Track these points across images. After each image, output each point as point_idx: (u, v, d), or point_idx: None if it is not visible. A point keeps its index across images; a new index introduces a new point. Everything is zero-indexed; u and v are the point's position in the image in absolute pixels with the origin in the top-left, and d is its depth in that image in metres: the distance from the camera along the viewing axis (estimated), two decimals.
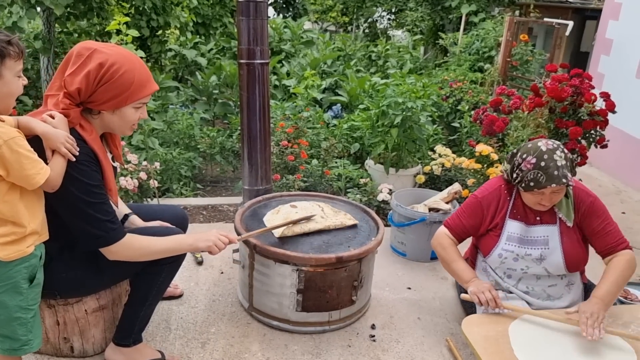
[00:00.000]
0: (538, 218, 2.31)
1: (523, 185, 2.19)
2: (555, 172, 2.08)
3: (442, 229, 2.47)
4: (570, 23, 5.58)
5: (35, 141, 1.70)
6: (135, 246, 1.90)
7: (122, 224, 2.25)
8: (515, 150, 2.29)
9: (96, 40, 6.03)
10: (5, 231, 1.66)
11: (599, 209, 2.27)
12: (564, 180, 2.07)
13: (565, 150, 2.15)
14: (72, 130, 1.79)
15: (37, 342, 1.83)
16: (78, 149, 1.75)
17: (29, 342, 1.80)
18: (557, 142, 2.18)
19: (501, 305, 2.17)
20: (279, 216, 2.61)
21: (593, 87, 3.50)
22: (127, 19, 4.49)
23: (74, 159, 1.74)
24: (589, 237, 2.30)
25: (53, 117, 1.74)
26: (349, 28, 14.52)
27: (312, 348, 2.38)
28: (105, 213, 1.83)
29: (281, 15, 12.71)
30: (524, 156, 2.18)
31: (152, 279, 2.04)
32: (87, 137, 1.82)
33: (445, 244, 2.42)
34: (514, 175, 2.24)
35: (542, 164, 2.11)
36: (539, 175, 2.11)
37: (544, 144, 2.16)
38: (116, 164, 2.10)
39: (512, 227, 2.32)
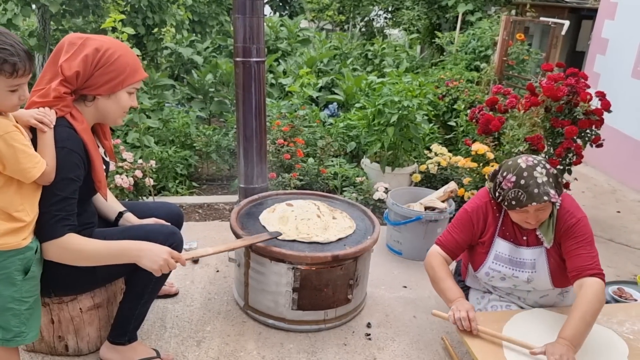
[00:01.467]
0: (525, 238, 2.25)
1: (506, 204, 2.13)
2: (536, 190, 2.02)
3: (434, 248, 2.36)
4: (566, 22, 5.58)
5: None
6: (69, 247, 1.80)
7: (117, 222, 2.25)
8: (497, 168, 2.23)
9: None
10: (4, 221, 1.68)
11: (578, 231, 2.13)
12: (545, 198, 2.00)
13: (547, 166, 2.09)
14: (62, 119, 1.81)
15: (32, 335, 1.84)
16: (53, 119, 1.76)
17: (22, 334, 1.80)
18: (539, 158, 2.11)
19: (475, 329, 2.05)
20: (275, 215, 2.61)
21: (589, 87, 3.51)
22: (123, 16, 4.47)
23: (47, 128, 1.74)
24: (564, 257, 2.17)
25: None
26: (346, 27, 14.51)
27: (307, 346, 2.38)
28: (60, 208, 1.78)
29: (278, 14, 12.69)
30: (504, 174, 2.13)
31: (147, 277, 2.03)
32: (77, 126, 1.84)
33: (434, 264, 2.29)
34: (497, 195, 2.19)
35: (522, 182, 2.05)
36: (520, 194, 2.05)
37: (523, 160, 2.10)
38: (107, 158, 2.11)
39: (501, 246, 2.26)
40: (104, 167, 2.05)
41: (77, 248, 1.82)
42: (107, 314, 2.18)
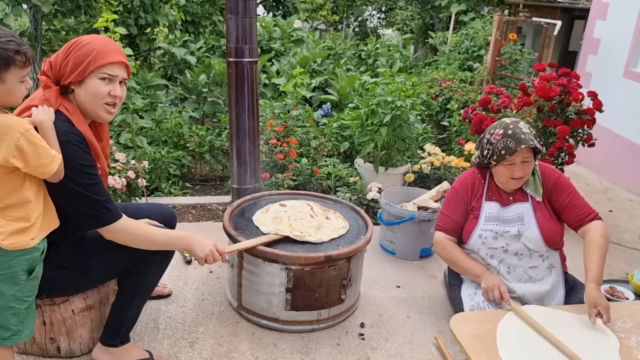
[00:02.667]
0: (511, 198, 2.42)
1: (495, 157, 2.30)
2: (523, 136, 2.22)
3: (438, 234, 2.53)
4: (559, 22, 5.62)
5: None
6: (134, 231, 1.92)
7: None
8: (481, 135, 2.42)
9: None
10: (13, 221, 1.70)
11: (564, 183, 2.41)
12: (531, 143, 2.21)
13: (528, 125, 2.31)
14: (59, 114, 1.83)
15: (27, 334, 1.84)
16: (51, 114, 1.79)
17: (19, 332, 1.80)
18: (518, 118, 2.36)
19: (508, 300, 2.22)
20: (268, 215, 2.61)
21: (581, 86, 3.53)
22: (115, 16, 4.45)
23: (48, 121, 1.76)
24: (559, 212, 2.41)
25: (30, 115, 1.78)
26: (339, 27, 14.52)
27: (301, 347, 2.38)
28: (100, 193, 1.84)
29: (271, 14, 12.66)
30: (492, 131, 2.33)
31: (140, 278, 2.03)
32: (73, 119, 1.85)
33: (447, 245, 2.48)
34: (485, 152, 2.36)
35: (509, 131, 2.25)
36: (509, 141, 2.23)
37: (507, 118, 2.35)
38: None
39: (489, 207, 2.43)
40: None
41: (138, 232, 1.93)
42: (99, 316, 2.17)
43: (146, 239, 1.95)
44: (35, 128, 1.74)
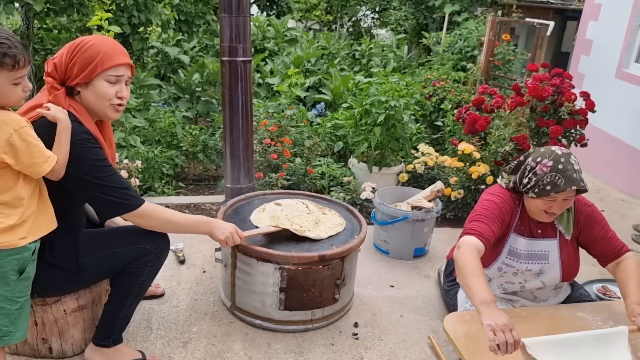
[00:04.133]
0: (539, 231, 2.27)
1: (537, 190, 2.10)
2: (574, 175, 2.04)
3: (469, 239, 2.07)
4: (551, 23, 5.64)
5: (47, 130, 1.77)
6: (160, 215, 1.98)
7: (102, 223, 2.27)
8: (522, 158, 2.21)
9: (77, 36, 5.94)
10: (3, 219, 1.69)
11: (597, 216, 2.27)
12: (582, 184, 2.04)
13: (577, 158, 2.13)
14: (70, 114, 1.84)
15: (19, 335, 1.82)
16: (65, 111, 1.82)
17: (10, 333, 1.79)
18: (568, 149, 2.16)
19: (520, 347, 1.76)
20: (265, 214, 2.60)
21: (573, 87, 3.55)
22: (109, 15, 4.43)
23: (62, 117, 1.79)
24: (588, 245, 2.28)
25: (48, 109, 1.80)
26: (333, 26, 14.52)
27: (294, 347, 2.38)
28: (121, 182, 1.90)
29: (265, 13, 12.63)
30: (538, 159, 2.11)
31: (133, 279, 2.02)
32: (81, 118, 1.87)
33: (470, 257, 2.00)
34: (525, 181, 2.15)
35: (560, 166, 2.05)
36: (557, 178, 2.04)
37: (557, 148, 2.12)
38: None
39: (515, 242, 2.26)
40: None
41: (164, 216, 2.00)
42: (91, 316, 2.16)
43: (172, 223, 2.03)
44: (38, 126, 1.74)
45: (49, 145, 1.75)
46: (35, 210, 1.78)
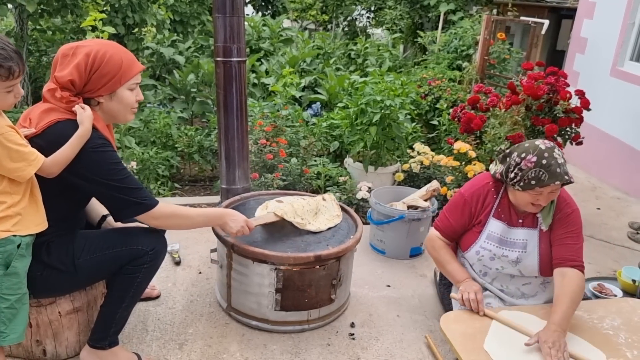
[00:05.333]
0: (520, 220, 2.30)
1: (522, 184, 2.14)
2: (558, 170, 2.07)
3: (433, 232, 2.46)
4: (546, 22, 5.64)
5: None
6: (176, 214, 2.03)
7: (99, 225, 2.26)
8: (508, 151, 2.25)
9: (71, 37, 5.93)
10: None
11: (571, 221, 2.25)
12: (566, 177, 2.08)
13: (561, 151, 2.15)
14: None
15: (13, 337, 1.79)
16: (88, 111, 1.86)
17: (1, 334, 1.76)
18: (552, 142, 2.18)
19: (482, 310, 2.16)
20: (270, 210, 2.61)
21: (568, 85, 3.55)
22: (104, 15, 4.41)
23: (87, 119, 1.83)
24: (552, 244, 2.27)
25: (84, 109, 1.85)
26: (329, 26, 14.51)
27: (291, 347, 2.37)
28: (137, 183, 1.93)
29: (260, 13, 12.62)
30: (523, 155, 2.15)
31: (130, 280, 2.00)
32: (98, 125, 1.90)
33: (437, 246, 2.42)
34: (512, 175, 2.19)
35: (544, 161, 2.09)
36: (541, 173, 2.08)
37: (541, 142, 2.15)
38: None
39: (494, 226, 2.31)
40: None
41: (181, 214, 2.05)
42: (87, 319, 2.15)
43: (187, 220, 2.08)
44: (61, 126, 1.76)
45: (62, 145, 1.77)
46: (24, 210, 1.76)
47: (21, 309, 1.82)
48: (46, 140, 1.79)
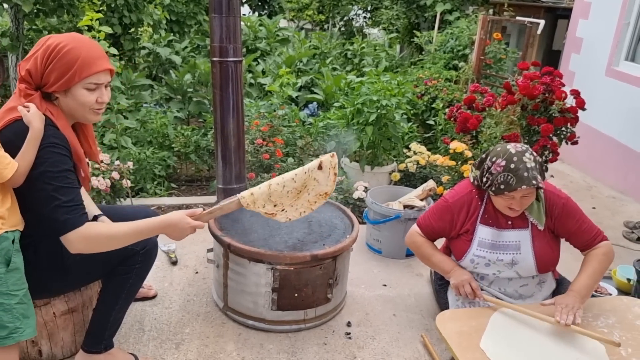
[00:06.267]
0: (509, 222, 2.30)
1: (493, 189, 2.16)
2: (525, 174, 2.07)
3: (414, 228, 2.49)
4: (542, 22, 5.66)
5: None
6: (92, 235, 1.77)
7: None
8: (484, 155, 2.27)
9: None
10: None
11: (571, 209, 2.28)
12: (533, 182, 2.06)
13: (534, 153, 2.15)
14: (45, 118, 1.78)
15: (29, 331, 1.78)
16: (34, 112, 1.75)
17: (17, 329, 1.74)
18: (526, 146, 2.19)
19: (481, 296, 2.21)
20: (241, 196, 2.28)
21: (564, 85, 3.56)
22: (100, 15, 4.41)
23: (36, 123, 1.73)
24: (566, 238, 2.32)
25: (29, 110, 1.75)
26: (325, 26, 14.52)
27: (287, 347, 2.37)
28: (70, 199, 1.76)
29: (256, 13, 12.62)
30: (494, 159, 2.16)
31: (122, 281, 1.99)
32: (58, 123, 1.81)
33: (418, 241, 2.45)
34: (484, 180, 2.22)
35: (512, 166, 2.09)
36: (509, 177, 2.09)
37: (512, 146, 2.16)
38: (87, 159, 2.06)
39: (483, 232, 2.31)
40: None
41: (103, 234, 1.81)
42: (82, 319, 2.14)
43: (111, 240, 1.82)
44: (14, 128, 1.70)
45: (19, 148, 1.70)
46: (8, 210, 1.75)
47: (29, 303, 1.81)
48: (2, 141, 1.71)
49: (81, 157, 1.90)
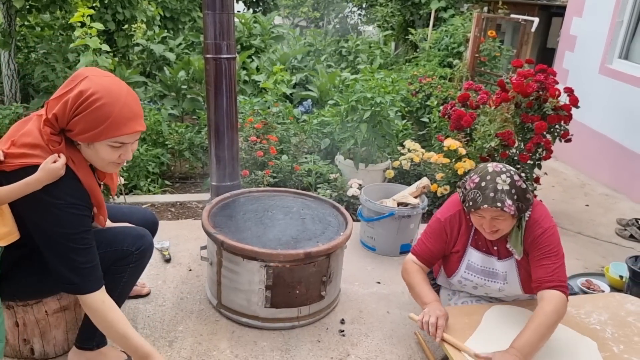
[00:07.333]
0: (495, 248, 2.22)
1: (465, 205, 2.11)
2: (492, 194, 1.98)
3: (410, 257, 2.37)
4: (536, 19, 5.67)
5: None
6: (103, 316, 1.81)
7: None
8: (470, 171, 2.22)
9: (60, 34, 5.87)
10: None
11: (544, 241, 2.08)
12: (497, 204, 1.96)
13: (515, 178, 2.03)
14: (67, 168, 1.74)
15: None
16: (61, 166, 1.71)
17: None
18: (510, 168, 2.08)
19: (439, 337, 2.04)
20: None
21: (557, 83, 3.57)
22: (92, 11, 4.38)
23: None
24: (530, 267, 2.15)
25: (54, 160, 1.70)
26: (320, 23, 14.49)
27: (281, 344, 2.37)
28: (87, 260, 1.77)
29: (251, 10, 12.57)
30: (471, 175, 2.12)
31: (115, 280, 1.98)
32: (79, 173, 1.77)
33: (410, 269, 2.32)
34: (460, 194, 2.17)
35: (483, 184, 2.02)
36: (477, 194, 2.02)
37: (492, 166, 2.07)
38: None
39: (473, 256, 2.25)
40: None
41: (105, 316, 1.82)
42: (74, 317, 2.13)
43: (112, 331, 1.84)
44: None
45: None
46: None
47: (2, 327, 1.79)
48: (8, 182, 1.68)
49: (101, 202, 1.87)
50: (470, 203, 2.05)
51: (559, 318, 1.96)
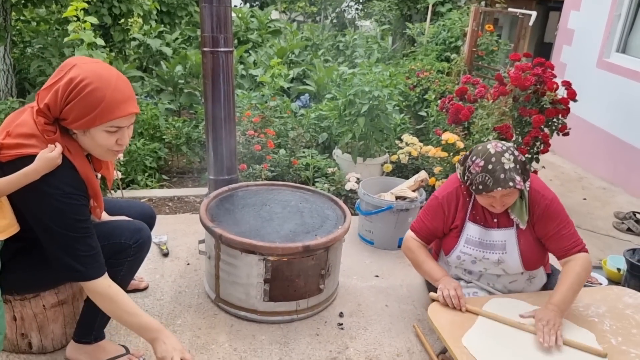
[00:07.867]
0: (495, 220, 2.29)
1: (473, 188, 2.16)
2: (502, 176, 2.05)
3: (409, 233, 2.46)
4: (534, 13, 5.65)
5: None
6: (112, 299, 1.82)
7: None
8: (468, 153, 2.26)
9: (56, 28, 5.84)
10: None
11: (553, 212, 2.22)
12: (510, 184, 2.04)
13: (516, 153, 2.13)
14: (64, 158, 1.73)
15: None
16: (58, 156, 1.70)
17: None
18: (508, 145, 2.16)
19: (464, 306, 2.15)
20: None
21: (555, 76, 3.56)
22: (85, 5, 4.36)
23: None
24: (543, 241, 2.27)
25: (50, 149, 1.70)
26: (317, 18, 14.44)
27: (280, 337, 2.37)
28: (88, 247, 1.78)
29: (248, 4, 12.53)
30: (474, 158, 2.16)
31: (113, 273, 1.96)
32: (76, 162, 1.76)
33: (412, 247, 2.42)
34: (465, 178, 2.23)
35: (490, 167, 2.08)
36: (487, 178, 2.08)
37: (493, 146, 2.14)
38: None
39: (471, 230, 2.31)
40: None
41: (113, 298, 1.82)
42: (72, 311, 2.13)
43: (118, 312, 1.84)
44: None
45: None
46: None
47: None
48: (4, 173, 1.68)
49: (97, 192, 1.86)
50: (481, 187, 2.11)
51: (588, 275, 2.16)
